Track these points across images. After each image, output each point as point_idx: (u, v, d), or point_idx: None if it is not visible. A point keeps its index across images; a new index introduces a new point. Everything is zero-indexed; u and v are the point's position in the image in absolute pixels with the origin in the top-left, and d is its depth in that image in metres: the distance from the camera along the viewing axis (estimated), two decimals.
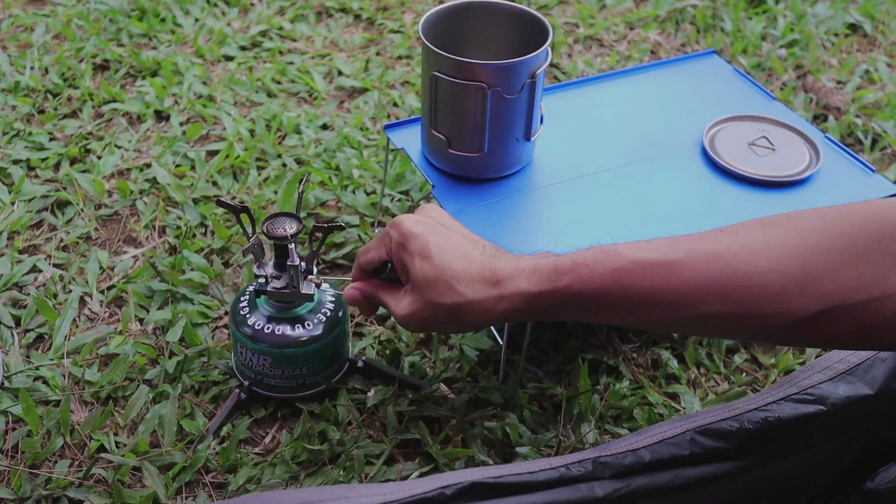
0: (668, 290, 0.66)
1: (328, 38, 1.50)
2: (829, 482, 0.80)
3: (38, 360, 0.96)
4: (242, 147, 1.26)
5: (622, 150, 1.04)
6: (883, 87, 1.43)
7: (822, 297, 0.61)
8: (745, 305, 0.64)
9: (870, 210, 0.63)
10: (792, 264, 0.62)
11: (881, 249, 0.60)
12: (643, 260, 0.67)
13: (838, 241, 0.62)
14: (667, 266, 0.66)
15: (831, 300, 0.61)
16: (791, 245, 0.63)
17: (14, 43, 1.46)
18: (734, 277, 0.64)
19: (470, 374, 0.96)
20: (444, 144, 0.97)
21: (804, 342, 0.68)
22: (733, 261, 0.64)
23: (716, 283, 0.64)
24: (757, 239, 0.65)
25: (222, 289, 1.05)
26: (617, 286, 0.67)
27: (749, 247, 0.65)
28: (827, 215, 0.65)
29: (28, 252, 1.10)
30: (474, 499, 0.67)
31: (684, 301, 0.65)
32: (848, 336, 0.63)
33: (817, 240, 0.63)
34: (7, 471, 0.86)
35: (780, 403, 0.76)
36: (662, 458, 0.72)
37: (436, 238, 0.75)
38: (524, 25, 0.97)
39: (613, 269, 0.67)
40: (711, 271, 0.65)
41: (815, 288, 0.62)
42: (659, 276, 0.66)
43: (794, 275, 0.62)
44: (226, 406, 0.91)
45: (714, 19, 1.58)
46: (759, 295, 0.63)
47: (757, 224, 0.67)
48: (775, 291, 0.63)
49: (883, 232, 0.61)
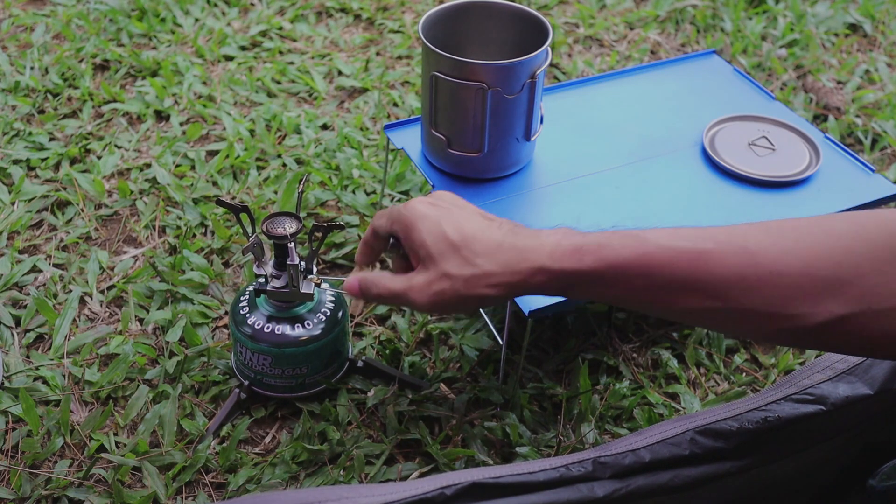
0: (695, 280, 0.64)
1: (328, 38, 1.50)
2: (829, 482, 0.80)
3: (38, 360, 0.96)
4: (242, 147, 1.26)
5: (622, 150, 1.04)
6: (883, 87, 1.43)
7: (850, 300, 0.61)
8: (772, 303, 0.63)
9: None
10: (822, 266, 0.62)
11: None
12: (671, 247, 0.65)
13: (870, 246, 0.61)
14: (695, 255, 0.65)
15: (860, 305, 0.61)
16: (823, 246, 0.63)
17: (14, 43, 1.46)
18: (763, 274, 0.63)
19: (470, 374, 0.96)
20: (444, 144, 0.97)
21: (825, 346, 0.67)
22: (763, 258, 0.63)
23: (744, 279, 0.63)
24: (788, 237, 0.64)
25: (222, 289, 1.05)
26: (642, 271, 0.66)
27: (780, 245, 0.64)
28: (859, 219, 0.64)
29: (28, 252, 1.10)
30: (474, 499, 0.67)
31: (710, 293, 0.64)
32: (870, 342, 0.62)
33: (849, 243, 0.62)
34: (7, 471, 0.86)
35: (780, 403, 0.76)
36: (662, 458, 0.72)
37: (449, 217, 0.73)
38: (524, 25, 0.97)
39: (641, 254, 0.66)
40: (740, 265, 0.64)
41: (844, 291, 0.61)
42: (686, 264, 0.64)
43: (824, 277, 0.61)
44: (226, 406, 0.91)
45: (714, 19, 1.58)
46: (788, 294, 0.62)
47: (788, 223, 0.66)
48: (805, 292, 0.62)
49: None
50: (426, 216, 0.73)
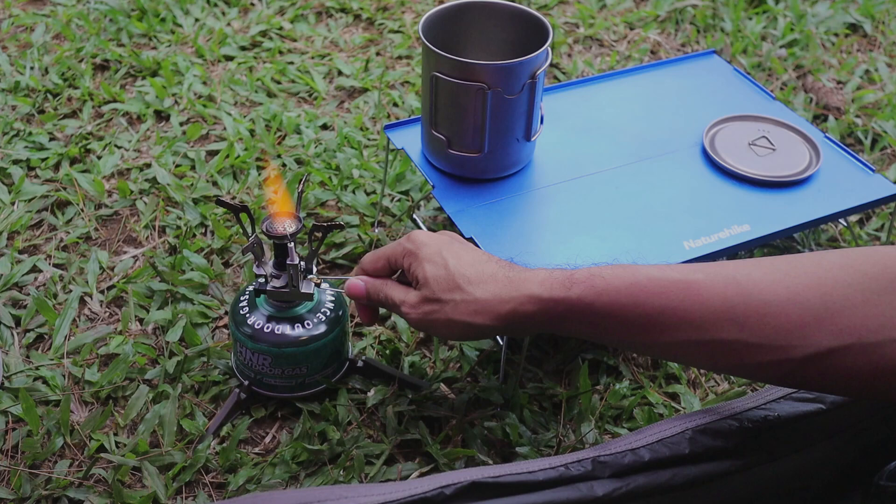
0: (683, 310, 0.65)
1: (328, 38, 1.50)
2: (829, 481, 0.80)
3: (38, 360, 0.97)
4: (242, 147, 1.26)
5: (622, 150, 1.04)
6: (883, 87, 1.43)
7: (838, 332, 0.60)
8: (760, 334, 0.63)
9: (895, 252, 0.62)
10: (811, 296, 0.61)
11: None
12: (660, 278, 0.66)
13: (860, 279, 0.61)
14: (684, 286, 0.65)
15: (848, 337, 0.60)
16: (812, 276, 0.62)
17: (14, 43, 1.46)
18: (752, 304, 0.63)
19: (470, 374, 0.96)
20: (444, 144, 0.97)
21: (811, 382, 0.66)
22: (752, 288, 0.63)
23: (732, 308, 0.63)
24: (779, 268, 0.64)
25: (222, 289, 1.05)
26: (631, 301, 0.67)
27: (770, 275, 0.64)
28: (850, 253, 0.64)
29: (28, 252, 1.10)
30: (474, 499, 0.67)
31: (698, 323, 0.64)
32: (858, 378, 0.62)
33: (838, 274, 0.62)
34: (7, 471, 0.86)
35: (780, 402, 0.76)
36: (662, 457, 0.72)
37: (449, 247, 0.77)
38: (524, 25, 0.97)
39: (630, 284, 0.67)
40: (729, 295, 0.64)
41: (832, 323, 0.60)
42: (675, 294, 0.65)
43: (812, 307, 0.61)
44: (226, 406, 0.91)
45: (714, 19, 1.58)
46: (776, 325, 0.62)
47: (781, 258, 0.66)
48: (792, 322, 0.61)
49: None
50: (427, 244, 0.78)
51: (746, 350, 0.64)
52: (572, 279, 0.69)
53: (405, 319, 0.79)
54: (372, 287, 0.83)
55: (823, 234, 1.15)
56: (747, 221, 0.95)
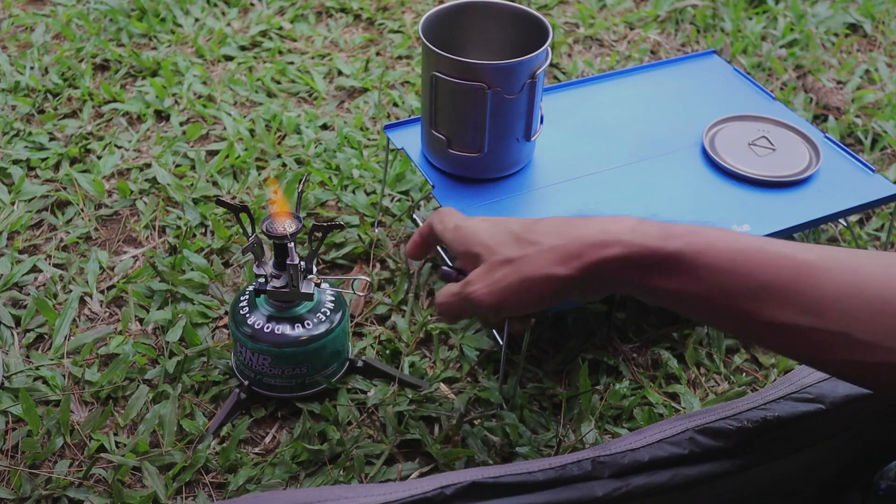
0: (794, 291, 0.58)
1: (328, 38, 1.50)
2: (829, 481, 0.80)
3: (38, 360, 0.97)
4: (242, 147, 1.26)
5: (622, 150, 1.04)
6: (883, 87, 1.43)
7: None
8: (872, 331, 0.57)
9: None
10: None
11: None
12: (771, 251, 0.59)
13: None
14: (796, 264, 0.58)
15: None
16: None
17: (14, 43, 1.46)
18: (866, 298, 0.57)
19: (470, 374, 0.96)
20: (444, 144, 0.97)
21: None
22: (868, 280, 0.57)
23: (845, 298, 0.57)
24: (893, 265, 0.58)
25: (222, 289, 1.05)
26: (733, 267, 0.59)
27: (889, 271, 0.57)
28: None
29: (28, 252, 1.10)
30: (474, 499, 0.67)
31: (806, 307, 0.58)
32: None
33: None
34: (7, 471, 0.86)
35: (780, 402, 0.76)
36: (661, 457, 0.72)
37: (496, 217, 0.70)
38: (524, 25, 0.97)
39: (736, 249, 0.60)
40: (842, 283, 0.57)
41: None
42: (787, 271, 0.58)
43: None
44: (226, 406, 0.91)
45: (714, 19, 1.58)
46: (892, 325, 0.56)
47: (889, 253, 0.60)
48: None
49: None
50: (465, 218, 0.73)
51: (856, 346, 0.57)
52: (669, 232, 0.61)
53: (476, 305, 0.69)
54: (438, 296, 0.75)
55: (823, 234, 1.15)
56: (747, 221, 0.95)
